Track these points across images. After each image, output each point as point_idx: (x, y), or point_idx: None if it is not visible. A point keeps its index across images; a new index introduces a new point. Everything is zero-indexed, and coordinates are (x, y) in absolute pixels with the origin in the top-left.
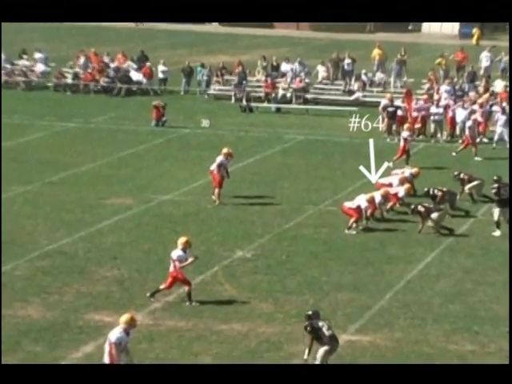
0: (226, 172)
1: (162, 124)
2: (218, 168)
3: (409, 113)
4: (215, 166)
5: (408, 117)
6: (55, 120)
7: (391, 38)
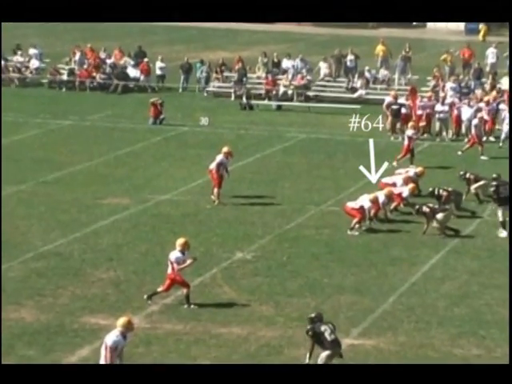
0: (226, 171)
1: (160, 122)
2: (218, 167)
3: (413, 111)
4: (214, 165)
5: (412, 115)
6: (50, 117)
7: (395, 34)
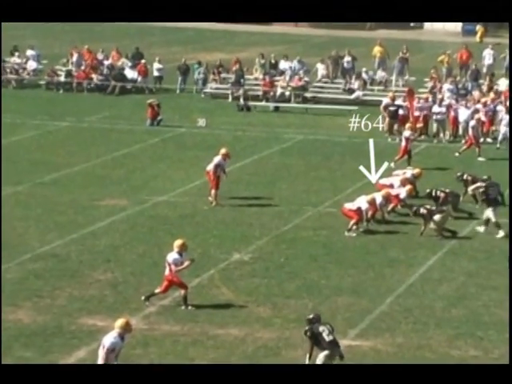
0: (224, 172)
1: (157, 123)
2: (215, 168)
3: (411, 112)
4: (212, 167)
5: (410, 116)
6: (47, 119)
7: (392, 35)
